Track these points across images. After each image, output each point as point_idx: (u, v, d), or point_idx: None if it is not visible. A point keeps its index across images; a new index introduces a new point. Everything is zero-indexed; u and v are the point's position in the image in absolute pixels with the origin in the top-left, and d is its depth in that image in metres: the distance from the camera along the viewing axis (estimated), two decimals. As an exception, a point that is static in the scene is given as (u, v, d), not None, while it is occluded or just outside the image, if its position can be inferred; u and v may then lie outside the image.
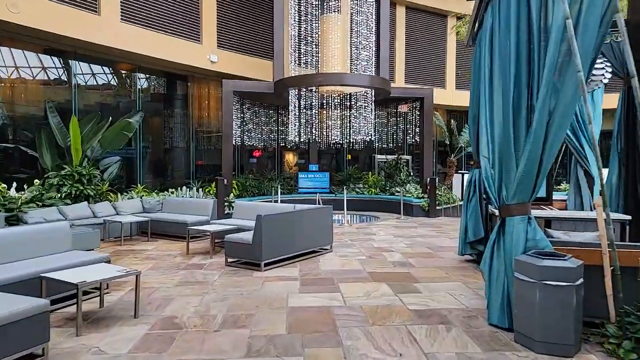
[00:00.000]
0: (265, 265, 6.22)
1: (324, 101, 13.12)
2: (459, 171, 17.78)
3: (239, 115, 13.38)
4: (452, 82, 19.91)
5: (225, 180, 11.77)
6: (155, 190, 11.36)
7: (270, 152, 16.93)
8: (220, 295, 5.06)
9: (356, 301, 4.84)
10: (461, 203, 15.30)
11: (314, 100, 13.06)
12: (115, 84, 12.50)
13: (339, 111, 13.80)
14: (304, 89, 12.72)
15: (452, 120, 16.08)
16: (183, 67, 13.05)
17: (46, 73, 11.02)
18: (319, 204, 11.46)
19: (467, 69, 20.06)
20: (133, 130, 9.54)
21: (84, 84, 11.72)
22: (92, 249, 6.77)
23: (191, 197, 10.99)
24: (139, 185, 10.88)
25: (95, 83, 12.10)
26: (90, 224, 8.15)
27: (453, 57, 19.88)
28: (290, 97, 12.53)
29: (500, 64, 4.22)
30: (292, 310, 4.54)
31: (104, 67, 12.21)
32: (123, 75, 12.71)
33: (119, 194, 9.93)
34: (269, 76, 13.28)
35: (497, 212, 4.60)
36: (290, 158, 19.72)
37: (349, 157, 19.50)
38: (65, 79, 11.21)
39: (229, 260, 6.56)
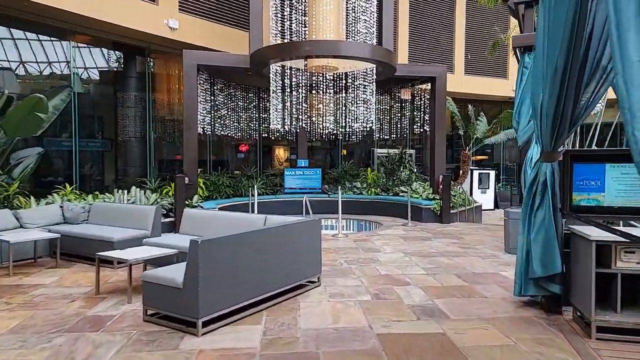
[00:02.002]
0: (206, 324, 3.72)
1: (314, 82, 10.61)
2: (474, 167, 15.37)
3: (208, 98, 10.82)
4: (460, 66, 17.45)
5: (187, 179, 9.24)
6: (95, 192, 8.80)
7: (251, 144, 14.38)
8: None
9: None
10: (479, 204, 12.91)
11: (301, 81, 10.54)
12: (46, 59, 9.88)
13: (332, 94, 11.28)
14: (289, 67, 10.20)
15: (470, 106, 13.64)
16: (135, 36, 10.46)
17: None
18: (306, 208, 8.98)
19: (478, 51, 17.61)
20: (46, 109, 7.01)
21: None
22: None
23: (131, 201, 8.43)
24: (67, 186, 8.32)
25: (18, 60, 9.50)
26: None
27: (462, 37, 17.40)
28: (271, 75, 10.01)
29: None
30: None
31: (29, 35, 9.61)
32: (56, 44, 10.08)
33: (32, 198, 7.35)
34: (244, 50, 10.73)
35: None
36: (281, 153, 17.28)
37: (344, 152, 17.04)
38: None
39: (149, 312, 4.05)
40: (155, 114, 12.26)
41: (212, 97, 11.06)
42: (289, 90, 10.37)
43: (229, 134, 11.92)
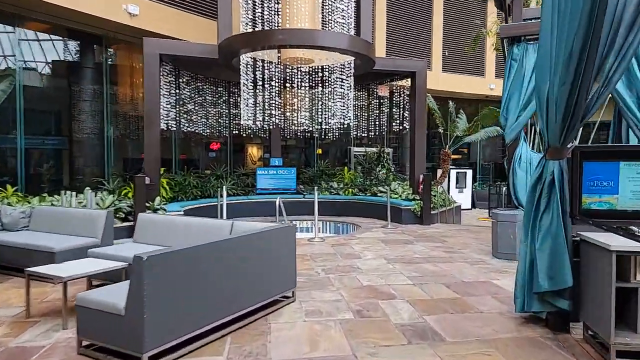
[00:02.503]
0: (154, 358, 3.02)
1: (288, 75, 9.93)
2: (452, 167, 15.02)
3: (173, 92, 9.99)
4: (438, 63, 17.13)
5: (147, 179, 8.41)
6: (44, 195, 7.87)
7: (222, 142, 13.58)
8: None
9: None
10: (458, 204, 12.56)
11: (274, 74, 9.86)
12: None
13: (307, 89, 10.64)
14: (261, 60, 9.50)
15: (451, 102, 13.25)
16: (91, 22, 9.52)
17: None
18: (279, 211, 8.31)
19: (456, 48, 17.34)
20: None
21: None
22: None
23: (83, 204, 7.55)
24: (9, 188, 7.37)
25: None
26: None
27: (440, 33, 17.09)
28: (242, 67, 9.28)
29: None
30: None
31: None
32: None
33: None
34: (212, 40, 9.95)
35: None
36: (254, 151, 16.54)
37: (320, 151, 16.44)
38: None
39: (84, 343, 3.32)
40: (118, 109, 11.33)
41: (178, 91, 10.23)
42: (261, 84, 9.67)
43: (197, 131, 11.10)
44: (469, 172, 17.31)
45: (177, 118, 10.29)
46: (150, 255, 3.00)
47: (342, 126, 11.01)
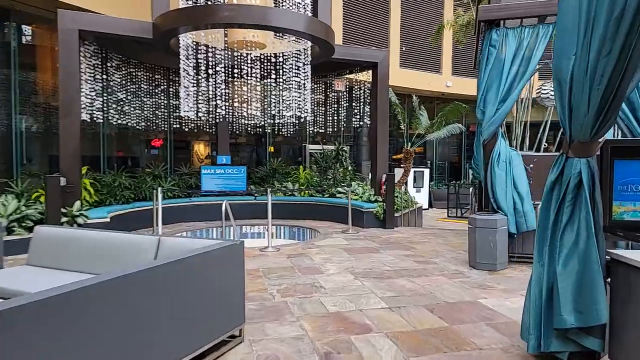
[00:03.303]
0: None
1: (237, 62, 8.74)
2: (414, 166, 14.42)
3: (99, 77, 8.48)
4: (396, 58, 16.53)
5: (63, 179, 6.93)
6: None
7: (162, 137, 12.11)
8: None
9: None
10: (420, 205, 11.92)
11: (221, 61, 8.66)
12: None
13: (259, 79, 9.49)
14: (204, 44, 8.26)
15: (414, 96, 12.58)
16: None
17: None
18: (226, 215, 7.16)
19: (413, 43, 16.83)
20: None
21: None
22: None
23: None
24: None
25: None
26: None
27: (397, 26, 16.49)
28: (181, 50, 7.99)
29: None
30: None
31: None
32: None
33: None
34: (146, 16, 8.54)
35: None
36: (202, 149, 15.13)
37: (272, 149, 15.33)
38: None
39: None
40: (38, 99, 9.61)
41: (105, 77, 8.72)
42: (204, 71, 8.42)
43: (130, 124, 9.62)
44: (426, 172, 16.89)
45: (105, 108, 8.79)
46: (5, 308, 1.82)
47: (298, 121, 10.00)
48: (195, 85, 8.41)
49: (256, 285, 5.06)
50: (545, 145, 10.02)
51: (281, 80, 8.99)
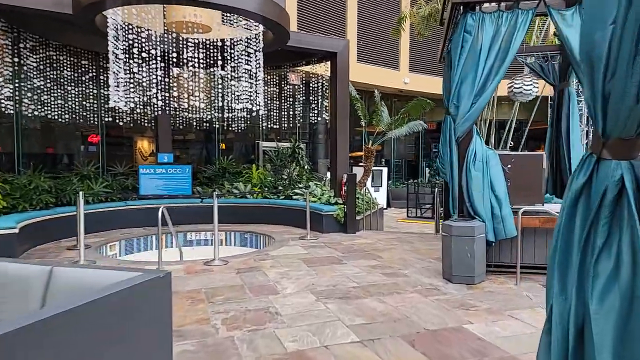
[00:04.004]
0: None
1: (180, 48, 7.64)
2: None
3: (8, 60, 7.09)
4: (353, 52, 15.87)
5: (-47, 185, 5.58)
6: None
7: (91, 131, 10.71)
8: None
9: None
10: (381, 207, 11.33)
11: (159, 45, 7.53)
12: None
13: (205, 67, 8.43)
14: (138, 26, 7.10)
15: (376, 91, 11.92)
16: None
17: None
18: (167, 221, 6.13)
19: (371, 37, 16.26)
20: None
21: None
22: None
23: None
24: None
25: None
26: None
27: (354, 17, 15.85)
28: (109, 30, 6.78)
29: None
30: None
31: None
32: None
33: None
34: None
35: None
36: (145, 146, 13.75)
37: (223, 146, 14.22)
38: None
39: None
40: None
41: (17, 60, 7.33)
42: (138, 56, 7.25)
43: (50, 116, 8.24)
44: (384, 170, 16.42)
45: (17, 97, 7.39)
46: None
47: (249, 115, 9.04)
48: (128, 72, 7.22)
49: (196, 313, 4.10)
50: (511, 143, 9.74)
51: (230, 69, 7.98)
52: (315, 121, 10.06)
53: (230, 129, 10.25)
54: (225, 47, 7.80)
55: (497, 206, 5.26)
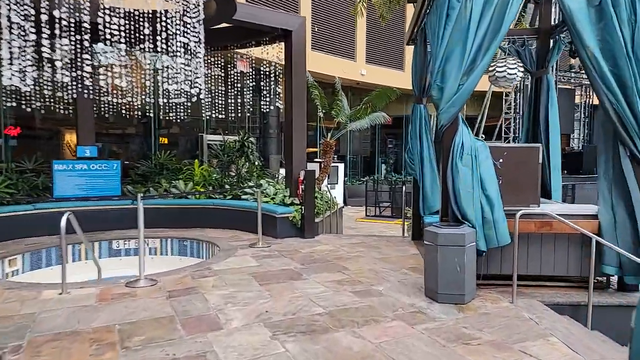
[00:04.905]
0: None
1: (101, 21, 6.15)
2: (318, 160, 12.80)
3: None
4: (308, 39, 14.79)
5: None
6: None
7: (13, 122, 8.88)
8: None
9: None
10: (341, 206, 10.35)
11: (71, 14, 6.03)
12: None
13: (134, 44, 6.99)
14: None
15: (337, 77, 10.87)
16: None
17: None
18: (76, 230, 4.76)
19: (326, 24, 15.25)
20: None
21: None
22: None
23: None
24: None
25: None
26: None
27: (309, 4, 14.75)
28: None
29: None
30: None
31: None
32: None
33: None
34: None
35: None
36: (74, 139, 11.94)
37: (166, 140, 12.69)
38: None
39: None
40: None
41: None
42: (45, 25, 5.71)
43: None
44: (341, 167, 15.52)
45: None
46: None
47: (189, 101, 7.71)
48: (27, 44, 5.66)
49: (99, 370, 2.86)
50: (482, 137, 9.12)
51: (163, 43, 6.60)
52: (267, 110, 8.88)
53: (168, 118, 8.84)
54: (159, 18, 6.41)
55: (488, 208, 4.39)
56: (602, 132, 4.54)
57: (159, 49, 6.41)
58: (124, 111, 8.37)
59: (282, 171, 9.65)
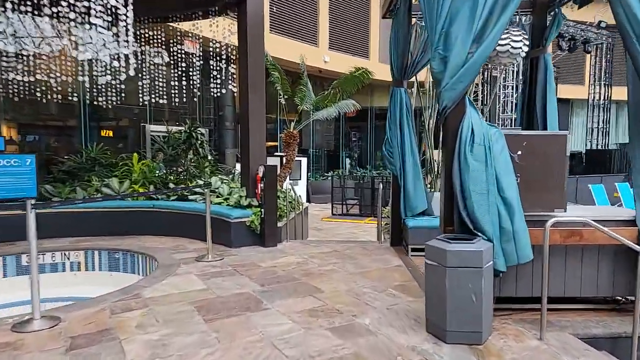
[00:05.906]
0: None
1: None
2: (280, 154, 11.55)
3: None
4: (266, 21, 13.43)
5: None
6: None
7: None
8: None
9: None
10: (307, 206, 9.16)
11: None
12: None
13: (49, 15, 5.42)
14: None
15: (302, 60, 9.61)
16: None
17: None
18: None
19: (285, 6, 13.95)
20: None
21: None
22: None
23: None
24: None
25: None
26: None
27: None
28: None
29: None
30: None
31: None
32: None
33: None
34: None
35: None
36: (4, 131, 10.25)
37: (111, 133, 11.05)
38: None
39: None
40: None
41: None
42: None
43: None
44: (304, 161, 14.34)
45: None
46: None
47: (120, 82, 6.26)
48: None
49: None
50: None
51: (81, 8, 5.13)
52: (218, 94, 7.54)
53: (97, 103, 7.31)
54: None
55: (506, 215, 3.36)
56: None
57: (73, 11, 4.98)
58: (38, 94, 6.76)
59: (239, 167, 8.37)
